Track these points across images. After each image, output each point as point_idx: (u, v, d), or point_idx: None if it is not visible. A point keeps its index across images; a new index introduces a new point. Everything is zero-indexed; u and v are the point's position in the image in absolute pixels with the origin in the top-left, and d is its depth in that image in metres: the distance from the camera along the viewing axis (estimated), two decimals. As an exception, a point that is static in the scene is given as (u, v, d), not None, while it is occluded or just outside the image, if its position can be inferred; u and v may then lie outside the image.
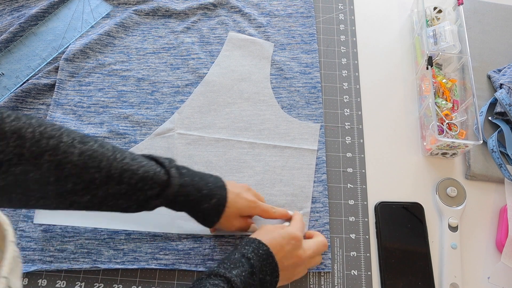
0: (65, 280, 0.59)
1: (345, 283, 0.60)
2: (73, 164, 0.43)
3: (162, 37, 0.79)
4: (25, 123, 0.40)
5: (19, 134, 0.39)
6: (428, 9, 0.78)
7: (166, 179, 0.49)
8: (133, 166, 0.47)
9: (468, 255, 0.63)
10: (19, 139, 0.39)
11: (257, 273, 0.48)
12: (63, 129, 0.44)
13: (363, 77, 0.77)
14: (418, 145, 0.71)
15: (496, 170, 0.67)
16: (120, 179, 0.46)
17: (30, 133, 0.40)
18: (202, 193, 0.52)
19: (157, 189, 0.49)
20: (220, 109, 0.72)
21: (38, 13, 0.78)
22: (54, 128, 0.43)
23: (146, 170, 0.48)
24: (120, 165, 0.46)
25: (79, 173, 0.43)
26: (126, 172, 0.46)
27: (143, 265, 0.59)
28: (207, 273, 0.47)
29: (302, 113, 0.72)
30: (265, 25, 0.80)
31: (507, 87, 0.69)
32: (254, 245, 0.51)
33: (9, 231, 0.25)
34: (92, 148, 0.44)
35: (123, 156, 0.47)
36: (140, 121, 0.70)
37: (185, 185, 0.51)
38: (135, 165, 0.47)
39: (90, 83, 0.73)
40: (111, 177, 0.45)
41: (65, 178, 0.43)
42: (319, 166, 0.68)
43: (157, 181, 0.49)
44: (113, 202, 0.47)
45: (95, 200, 0.46)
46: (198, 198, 0.52)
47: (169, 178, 0.49)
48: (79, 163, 0.43)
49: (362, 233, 0.64)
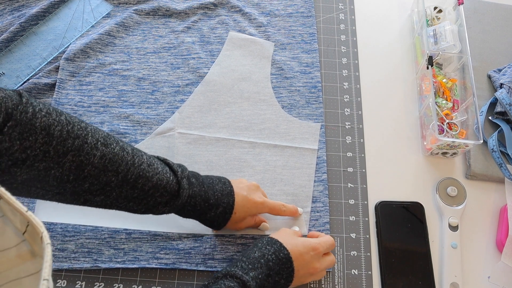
0: (65, 280, 0.59)
1: (346, 282, 0.60)
2: (93, 166, 0.44)
3: (163, 36, 0.79)
4: (55, 120, 0.41)
5: (48, 131, 0.40)
6: (428, 8, 0.78)
7: (177, 189, 0.51)
8: (148, 173, 0.48)
9: (468, 255, 0.63)
10: (48, 136, 0.40)
11: (273, 275, 0.49)
12: (89, 127, 0.45)
13: (364, 77, 0.77)
14: (418, 145, 0.71)
15: (496, 170, 0.67)
16: (135, 184, 0.47)
17: (58, 131, 0.41)
18: (209, 202, 0.53)
19: (167, 197, 0.50)
20: (221, 109, 0.72)
21: (38, 13, 0.78)
22: (81, 127, 0.44)
23: (160, 178, 0.49)
24: (137, 171, 0.47)
25: (97, 174, 0.44)
26: (141, 178, 0.48)
27: (143, 265, 0.59)
28: (224, 273, 0.48)
29: (303, 113, 0.72)
30: (265, 25, 0.80)
31: (507, 86, 0.69)
32: (276, 246, 0.51)
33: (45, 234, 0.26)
34: (113, 151, 0.46)
35: (140, 161, 0.48)
36: (140, 120, 0.70)
37: (193, 196, 0.52)
38: (150, 172, 0.48)
39: (90, 83, 0.73)
40: (126, 181, 0.47)
41: (83, 178, 0.44)
42: (319, 166, 0.68)
43: (168, 190, 0.50)
44: (124, 204, 0.49)
45: (107, 201, 0.48)
46: (204, 208, 0.53)
47: (179, 189, 0.51)
48: (99, 165, 0.44)
49: (362, 232, 0.64)
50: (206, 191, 0.53)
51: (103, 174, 0.45)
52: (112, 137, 0.47)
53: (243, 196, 0.56)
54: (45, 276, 0.23)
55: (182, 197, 0.51)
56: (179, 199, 0.51)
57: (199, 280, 0.59)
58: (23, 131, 0.39)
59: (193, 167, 0.66)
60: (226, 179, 0.58)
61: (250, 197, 0.57)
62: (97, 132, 0.46)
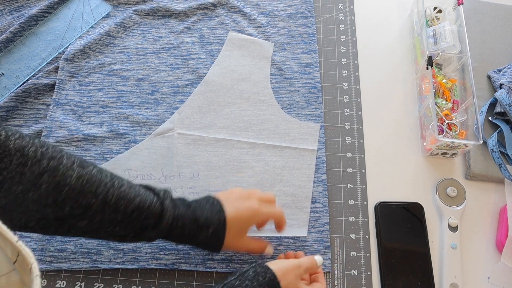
0: (65, 280, 0.59)
1: (345, 283, 0.60)
2: (71, 187, 0.43)
3: (162, 37, 0.79)
4: (28, 142, 0.41)
5: (22, 152, 0.40)
6: (428, 9, 0.78)
7: (160, 211, 0.49)
8: (129, 195, 0.47)
9: (468, 255, 0.63)
10: (22, 157, 0.40)
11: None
12: (64, 151, 0.44)
13: (363, 77, 0.77)
14: (418, 145, 0.71)
15: (496, 170, 0.67)
16: (116, 207, 0.46)
17: (32, 152, 0.41)
18: (198, 224, 0.50)
19: (152, 220, 0.48)
20: (220, 109, 0.72)
21: (38, 13, 0.78)
22: (56, 150, 0.43)
23: (142, 200, 0.48)
24: (117, 192, 0.46)
25: (76, 196, 0.43)
26: (122, 199, 0.46)
27: (143, 265, 0.59)
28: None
29: (302, 113, 0.72)
30: (265, 25, 0.80)
31: (507, 87, 0.69)
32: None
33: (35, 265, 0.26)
34: (90, 173, 0.45)
35: (120, 184, 0.47)
36: (140, 121, 0.70)
37: (179, 217, 0.50)
38: (132, 193, 0.47)
39: (90, 83, 0.73)
40: (107, 203, 0.45)
41: (62, 201, 0.43)
42: (319, 166, 0.68)
43: (151, 212, 0.48)
44: (111, 228, 0.47)
45: (92, 226, 0.46)
46: (194, 230, 0.50)
47: (162, 210, 0.49)
48: (76, 186, 0.43)
49: (362, 233, 0.64)
50: (194, 212, 0.50)
51: (82, 195, 0.44)
52: (89, 162, 0.46)
53: (234, 209, 0.52)
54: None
55: (166, 218, 0.48)
56: (163, 220, 0.48)
57: (199, 280, 0.59)
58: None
59: (193, 167, 0.67)
60: (215, 199, 0.53)
61: (242, 208, 0.53)
62: (72, 155, 0.45)
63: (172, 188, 0.65)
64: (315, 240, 0.62)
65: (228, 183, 0.66)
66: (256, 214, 0.54)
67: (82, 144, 0.68)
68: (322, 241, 0.62)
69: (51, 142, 0.67)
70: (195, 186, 0.65)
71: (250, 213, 0.53)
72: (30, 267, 0.26)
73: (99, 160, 0.67)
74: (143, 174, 0.66)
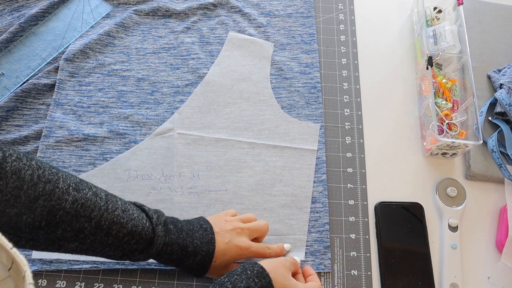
0: (65, 280, 0.59)
1: (345, 283, 0.60)
2: (65, 212, 0.43)
3: (162, 37, 0.79)
4: (25, 164, 0.41)
5: (19, 175, 0.40)
6: (428, 9, 0.78)
7: (151, 237, 0.49)
8: (123, 219, 0.47)
9: (468, 255, 0.63)
10: (18, 180, 0.39)
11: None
12: (60, 173, 0.44)
13: (363, 77, 0.77)
14: (418, 145, 0.71)
15: (496, 170, 0.67)
16: (109, 231, 0.46)
17: (29, 176, 0.40)
18: (187, 251, 0.51)
19: (143, 244, 0.49)
20: (220, 109, 0.72)
21: (38, 13, 0.78)
22: (52, 172, 0.43)
23: (135, 225, 0.48)
24: (111, 217, 0.46)
25: (69, 220, 0.43)
26: (115, 224, 0.46)
27: (143, 265, 0.59)
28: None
29: (302, 113, 0.72)
30: (265, 25, 0.80)
31: (507, 87, 0.69)
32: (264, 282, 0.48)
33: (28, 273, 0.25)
34: (85, 196, 0.45)
35: (114, 207, 0.47)
36: (140, 121, 0.70)
37: (170, 244, 0.50)
38: (125, 218, 0.47)
39: (90, 83, 0.73)
40: (100, 228, 0.46)
41: (55, 224, 0.43)
42: (319, 166, 0.68)
43: (143, 237, 0.49)
44: (100, 249, 0.47)
45: (82, 247, 0.46)
46: (182, 256, 0.51)
47: (154, 237, 0.49)
48: (71, 211, 0.43)
49: (362, 233, 0.64)
50: (184, 238, 0.51)
51: (76, 220, 0.44)
52: (85, 183, 0.46)
53: (224, 243, 0.54)
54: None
55: (157, 244, 0.49)
56: (153, 246, 0.49)
57: (199, 280, 0.59)
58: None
59: (193, 167, 0.67)
60: (209, 225, 0.55)
61: (233, 243, 0.54)
62: (68, 177, 0.45)
63: (172, 188, 0.65)
64: (315, 240, 0.62)
65: (228, 183, 0.66)
66: (246, 252, 0.55)
67: (82, 144, 0.68)
68: (322, 241, 0.62)
69: (51, 142, 0.67)
70: (195, 186, 0.66)
71: (240, 250, 0.54)
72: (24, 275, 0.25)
73: (99, 160, 0.67)
74: (143, 174, 0.66)
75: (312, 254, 0.61)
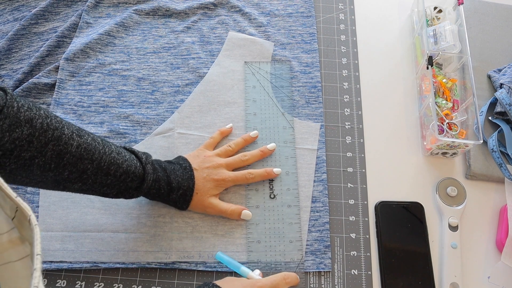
0: (65, 280, 0.59)
1: (345, 282, 0.60)
2: (71, 155, 0.48)
3: (163, 36, 0.79)
4: (35, 113, 0.45)
5: (31, 124, 0.44)
6: (428, 8, 0.78)
7: (142, 174, 0.56)
8: (118, 160, 0.53)
9: (468, 255, 0.63)
10: (31, 128, 0.44)
11: None
12: (64, 122, 0.49)
13: (363, 77, 0.77)
14: (418, 145, 0.71)
15: (496, 170, 0.67)
16: (108, 171, 0.52)
17: (39, 124, 0.45)
18: (172, 186, 0.58)
19: (136, 182, 0.55)
20: (220, 109, 0.72)
21: (38, 13, 0.78)
22: (57, 120, 0.48)
23: (129, 165, 0.54)
24: (108, 158, 0.52)
25: (75, 162, 0.49)
26: (112, 165, 0.52)
27: (143, 264, 0.59)
28: None
29: (302, 113, 0.72)
30: (265, 25, 0.80)
31: (507, 86, 0.69)
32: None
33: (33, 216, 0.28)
34: (87, 141, 0.50)
35: (110, 150, 0.53)
36: (140, 120, 0.70)
37: (158, 180, 0.57)
38: (120, 159, 0.53)
39: (90, 83, 0.73)
40: (100, 168, 0.51)
41: (63, 166, 0.48)
42: (319, 166, 0.68)
43: (136, 175, 0.55)
44: (99, 189, 0.53)
45: (84, 187, 0.52)
46: (167, 190, 0.58)
47: (144, 174, 0.55)
48: (76, 154, 0.49)
49: (362, 232, 0.64)
50: (169, 176, 0.58)
51: (80, 162, 0.49)
52: (83, 130, 0.52)
53: (202, 177, 0.61)
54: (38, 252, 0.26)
55: (147, 181, 0.55)
56: (145, 182, 0.55)
57: (199, 280, 0.60)
58: (11, 123, 0.42)
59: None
60: (187, 163, 0.62)
61: (210, 177, 0.61)
62: (71, 125, 0.50)
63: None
64: (315, 240, 0.62)
65: (228, 183, 0.66)
66: (223, 183, 0.62)
67: (82, 144, 0.68)
68: (322, 241, 0.62)
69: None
70: (196, 185, 0.65)
71: (217, 183, 0.62)
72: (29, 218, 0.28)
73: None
74: (144, 173, 0.66)
75: (312, 254, 0.61)
